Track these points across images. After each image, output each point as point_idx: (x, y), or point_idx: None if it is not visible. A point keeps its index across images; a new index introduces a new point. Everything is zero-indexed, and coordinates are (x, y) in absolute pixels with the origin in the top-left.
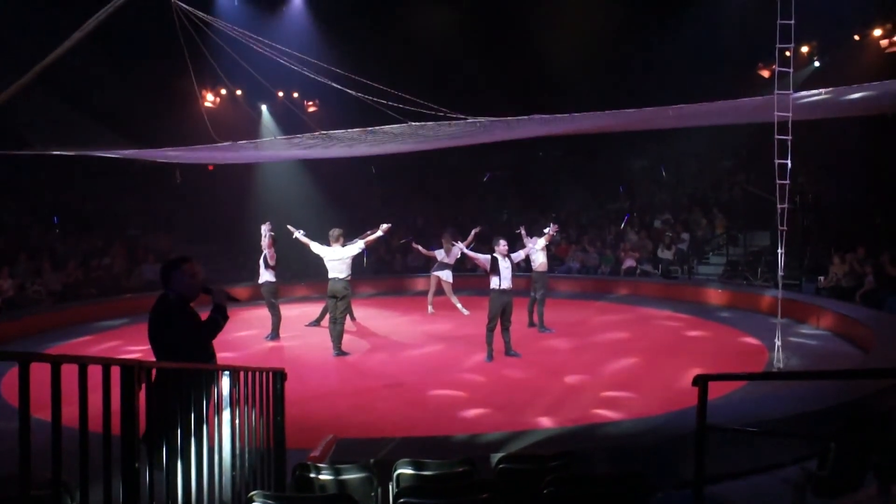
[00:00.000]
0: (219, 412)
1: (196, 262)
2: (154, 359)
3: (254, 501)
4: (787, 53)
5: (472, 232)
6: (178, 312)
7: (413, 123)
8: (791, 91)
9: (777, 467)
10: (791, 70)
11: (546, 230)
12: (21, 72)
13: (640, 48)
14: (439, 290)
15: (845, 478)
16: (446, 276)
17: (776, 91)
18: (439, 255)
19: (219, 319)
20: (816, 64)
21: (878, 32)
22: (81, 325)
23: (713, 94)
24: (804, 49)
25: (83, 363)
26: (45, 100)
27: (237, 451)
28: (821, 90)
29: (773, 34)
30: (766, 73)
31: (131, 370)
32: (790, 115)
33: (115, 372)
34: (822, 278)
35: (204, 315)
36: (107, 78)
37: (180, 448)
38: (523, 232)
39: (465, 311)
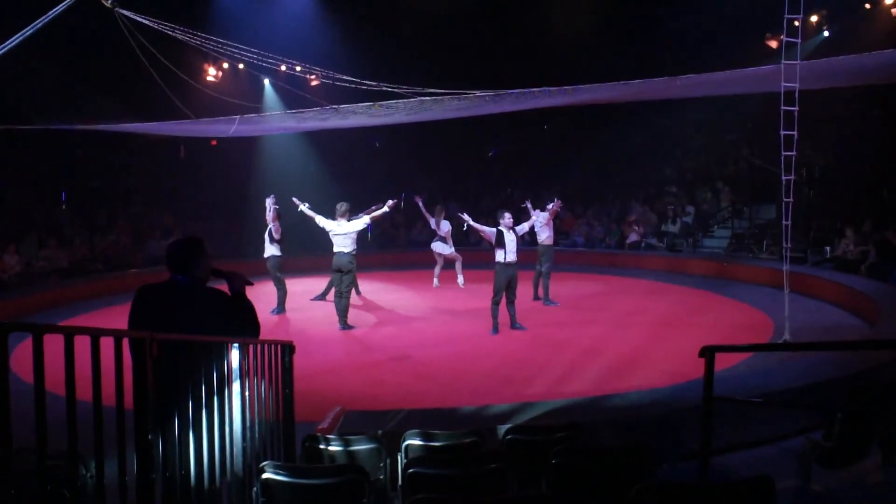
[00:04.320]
0: (229, 384)
1: None
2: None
3: (265, 472)
4: (796, 24)
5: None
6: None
7: (424, 99)
8: (798, 61)
9: (783, 438)
10: (799, 40)
11: (549, 205)
12: None
13: (648, 17)
14: (448, 265)
15: (850, 448)
16: (438, 247)
17: (783, 61)
18: (440, 227)
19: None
20: (826, 34)
21: (889, 0)
22: (89, 301)
23: (721, 64)
24: (813, 18)
25: (95, 335)
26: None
27: (247, 423)
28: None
29: (781, 4)
30: (773, 44)
31: (143, 342)
32: (797, 85)
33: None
34: (828, 248)
35: None
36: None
37: (192, 420)
38: (529, 205)
39: (461, 284)
